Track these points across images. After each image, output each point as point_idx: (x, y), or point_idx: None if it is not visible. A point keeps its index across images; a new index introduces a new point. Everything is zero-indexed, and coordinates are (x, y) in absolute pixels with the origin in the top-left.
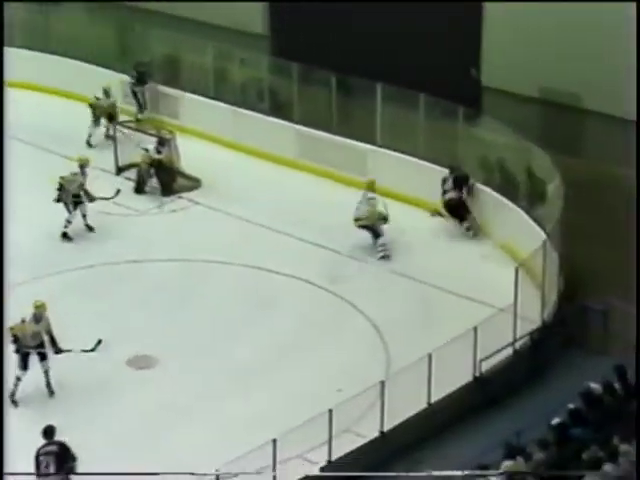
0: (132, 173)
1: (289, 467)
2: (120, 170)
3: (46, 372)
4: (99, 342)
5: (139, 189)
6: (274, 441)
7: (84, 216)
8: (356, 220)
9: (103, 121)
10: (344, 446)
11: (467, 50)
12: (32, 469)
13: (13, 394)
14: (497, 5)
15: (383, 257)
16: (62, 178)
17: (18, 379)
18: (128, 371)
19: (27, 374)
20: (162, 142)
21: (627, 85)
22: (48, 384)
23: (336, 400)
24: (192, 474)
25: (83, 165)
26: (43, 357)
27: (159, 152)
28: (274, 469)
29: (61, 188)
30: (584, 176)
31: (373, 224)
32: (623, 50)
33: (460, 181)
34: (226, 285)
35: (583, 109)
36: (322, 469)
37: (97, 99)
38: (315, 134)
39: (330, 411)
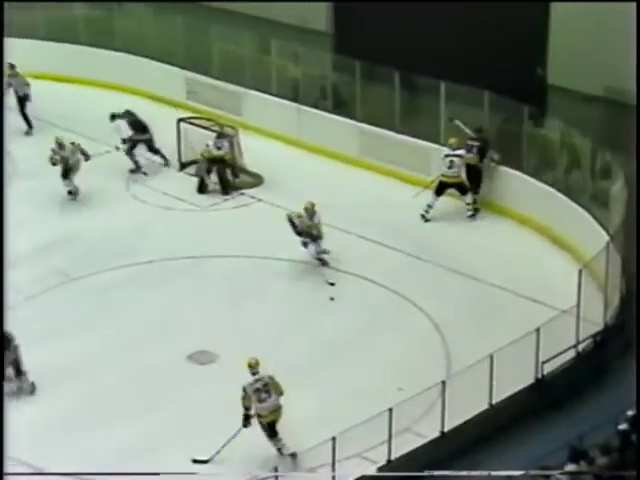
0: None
1: (348, 466)
2: (183, 166)
3: None
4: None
5: (201, 189)
6: (333, 439)
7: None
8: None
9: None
10: (404, 445)
11: (533, 48)
12: None
13: None
14: (563, 4)
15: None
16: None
17: None
18: (189, 366)
19: None
20: (221, 136)
21: None
22: None
23: (396, 399)
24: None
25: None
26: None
27: (219, 148)
28: (333, 467)
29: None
30: None
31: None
32: None
33: (484, 148)
34: (286, 282)
35: None
36: (380, 468)
37: (54, 151)
38: (378, 132)
39: (390, 410)
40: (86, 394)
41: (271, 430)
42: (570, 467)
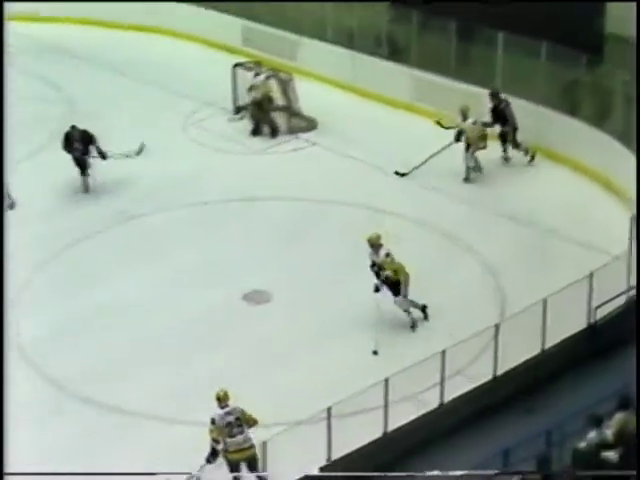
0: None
1: (401, 408)
2: (238, 110)
3: None
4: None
5: (255, 132)
6: (386, 381)
7: None
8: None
9: None
10: (456, 389)
11: None
12: None
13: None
14: None
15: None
16: None
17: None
18: (244, 306)
19: None
20: (258, 67)
21: None
22: None
23: (449, 342)
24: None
25: None
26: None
27: (257, 74)
28: (386, 409)
29: None
30: None
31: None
32: None
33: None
34: (339, 224)
35: None
36: (429, 413)
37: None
38: (432, 78)
39: (443, 352)
40: (141, 332)
41: (235, 470)
42: (620, 415)
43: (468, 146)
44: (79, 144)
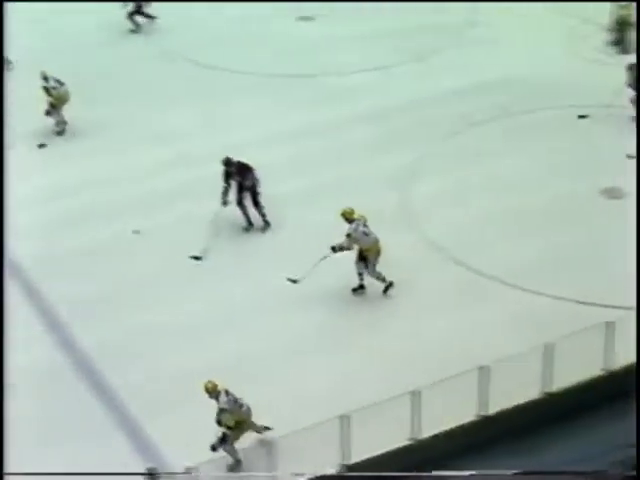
0: None
1: None
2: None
3: None
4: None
5: (617, 44)
6: None
7: None
8: None
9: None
10: None
11: None
12: None
13: None
14: None
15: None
16: None
17: None
18: (599, 200)
19: None
20: None
21: None
22: None
23: None
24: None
25: None
26: None
27: None
28: None
29: None
30: None
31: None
32: None
33: None
34: None
35: None
36: None
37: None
38: None
39: None
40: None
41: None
42: None
43: None
44: (238, 177)
